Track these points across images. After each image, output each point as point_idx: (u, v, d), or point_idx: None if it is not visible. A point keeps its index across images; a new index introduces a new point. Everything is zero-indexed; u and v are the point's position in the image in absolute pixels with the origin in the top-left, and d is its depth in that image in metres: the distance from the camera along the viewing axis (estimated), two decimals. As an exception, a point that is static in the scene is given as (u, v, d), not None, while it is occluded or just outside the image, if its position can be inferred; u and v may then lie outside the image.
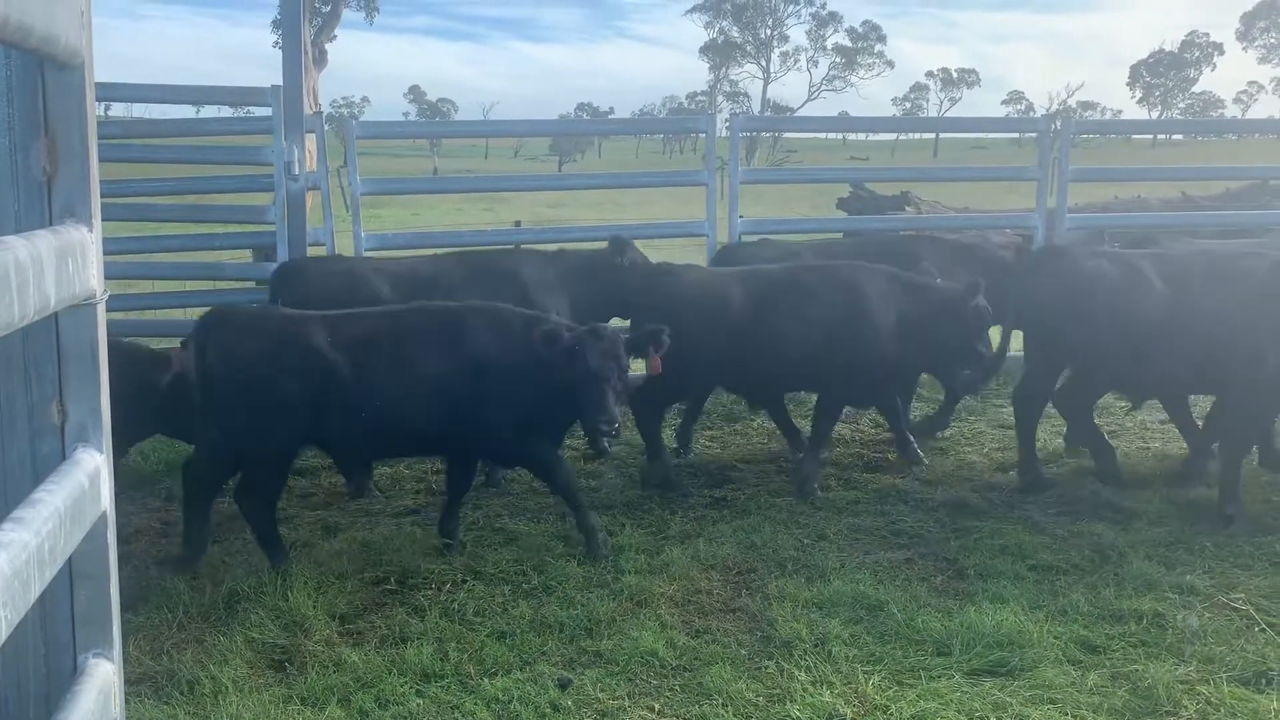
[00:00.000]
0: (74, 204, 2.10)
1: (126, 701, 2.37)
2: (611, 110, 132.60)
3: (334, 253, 9.58)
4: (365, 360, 5.51)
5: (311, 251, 9.15)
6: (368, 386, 5.48)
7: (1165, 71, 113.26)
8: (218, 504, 6.11)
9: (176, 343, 7.00)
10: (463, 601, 5.20)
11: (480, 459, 6.36)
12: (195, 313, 8.06)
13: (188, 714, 4.16)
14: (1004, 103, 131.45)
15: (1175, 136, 76.29)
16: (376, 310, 6.13)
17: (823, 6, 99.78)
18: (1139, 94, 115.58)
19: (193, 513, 5.69)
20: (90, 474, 2.07)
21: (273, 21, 54.27)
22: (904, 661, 4.59)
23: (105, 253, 2.21)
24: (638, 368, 6.12)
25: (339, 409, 5.49)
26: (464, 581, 5.45)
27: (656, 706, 4.26)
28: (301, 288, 7.29)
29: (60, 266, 1.84)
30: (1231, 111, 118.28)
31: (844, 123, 22.69)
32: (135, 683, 4.34)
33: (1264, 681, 4.39)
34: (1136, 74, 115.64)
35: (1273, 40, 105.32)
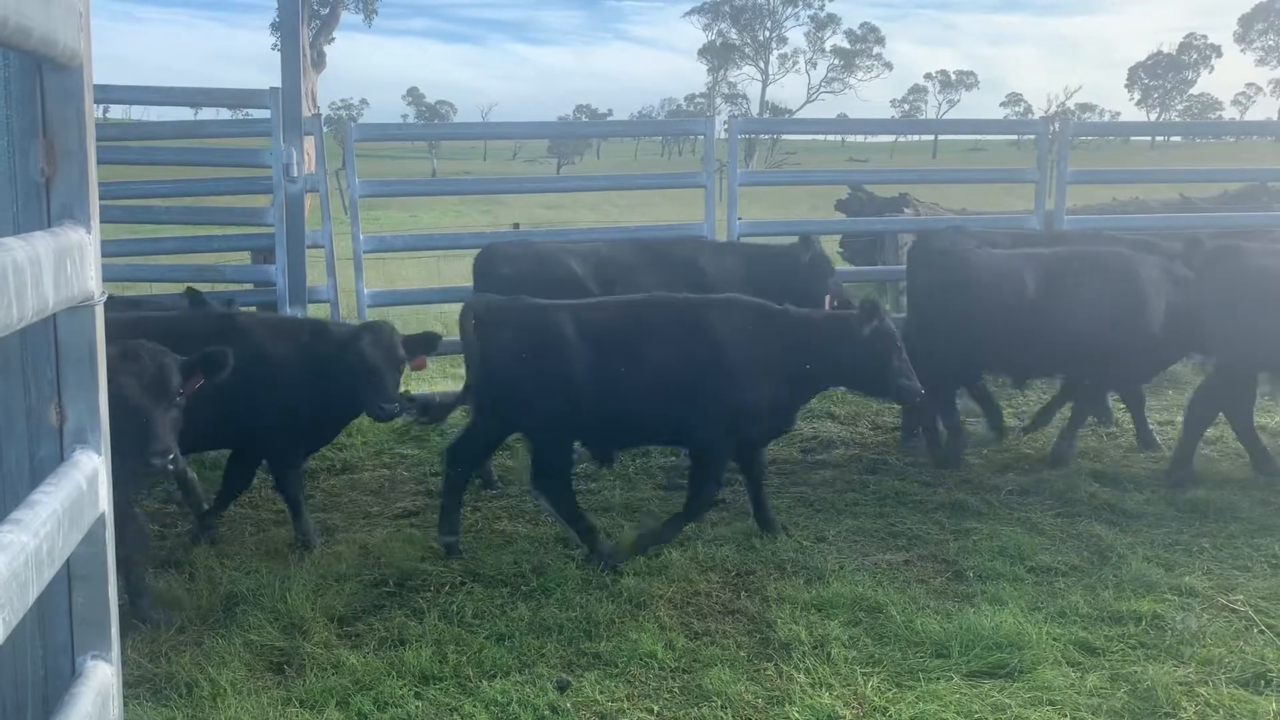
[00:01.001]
0: (72, 205, 2.10)
1: (125, 704, 2.36)
2: (610, 112, 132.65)
3: (331, 254, 9.58)
4: (617, 349, 5.83)
5: (309, 255, 9.14)
6: (619, 376, 5.78)
7: (1163, 73, 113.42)
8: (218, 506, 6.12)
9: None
10: (461, 604, 5.19)
11: (685, 447, 6.48)
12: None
13: (186, 716, 4.15)
14: (1002, 105, 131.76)
15: (1173, 138, 76.30)
16: (623, 300, 6.42)
17: (821, 9, 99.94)
18: (1137, 96, 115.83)
19: (452, 495, 5.98)
20: (88, 476, 2.07)
21: (271, 24, 54.19)
22: (903, 663, 4.59)
23: (103, 254, 2.21)
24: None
25: (595, 397, 5.78)
26: (463, 584, 5.44)
27: (655, 708, 4.26)
28: (505, 267, 7.81)
29: (58, 268, 1.84)
30: (1229, 113, 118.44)
31: (842, 125, 22.85)
32: (133, 685, 4.33)
33: (1263, 683, 4.39)
34: (1135, 76, 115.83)
35: (1270, 42, 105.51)
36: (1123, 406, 8.33)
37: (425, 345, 6.12)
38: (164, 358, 4.75)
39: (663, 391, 5.80)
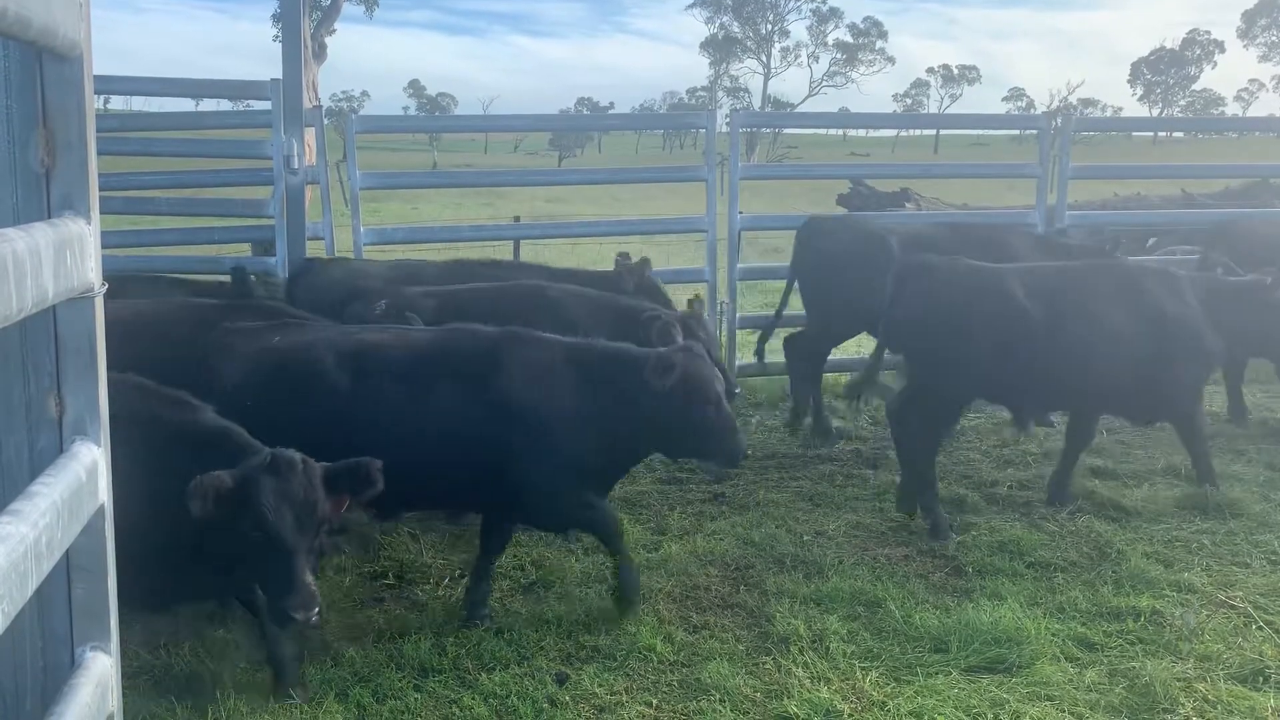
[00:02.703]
0: (72, 196, 2.09)
1: (124, 695, 2.36)
2: (611, 105, 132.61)
3: (332, 246, 9.57)
4: (1056, 314, 5.99)
5: (310, 247, 9.12)
6: (1057, 341, 5.95)
7: (1166, 69, 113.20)
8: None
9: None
10: (461, 597, 5.19)
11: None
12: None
13: (186, 708, 4.16)
14: (1005, 99, 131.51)
15: (1176, 134, 76.27)
16: (1051, 266, 6.60)
17: (823, 2, 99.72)
18: (1140, 91, 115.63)
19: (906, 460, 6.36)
20: (88, 467, 2.07)
21: (272, 15, 54.10)
22: (902, 658, 4.59)
23: (103, 246, 2.20)
24: None
25: (1026, 360, 6.00)
26: (462, 576, 5.44)
27: (654, 702, 4.27)
28: (824, 240, 8.27)
29: (58, 259, 1.83)
30: (1232, 109, 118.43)
31: (844, 119, 22.71)
32: (133, 676, 4.33)
33: (1261, 679, 4.40)
34: (1137, 71, 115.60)
35: (1274, 38, 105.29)
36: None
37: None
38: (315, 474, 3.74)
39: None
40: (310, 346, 4.86)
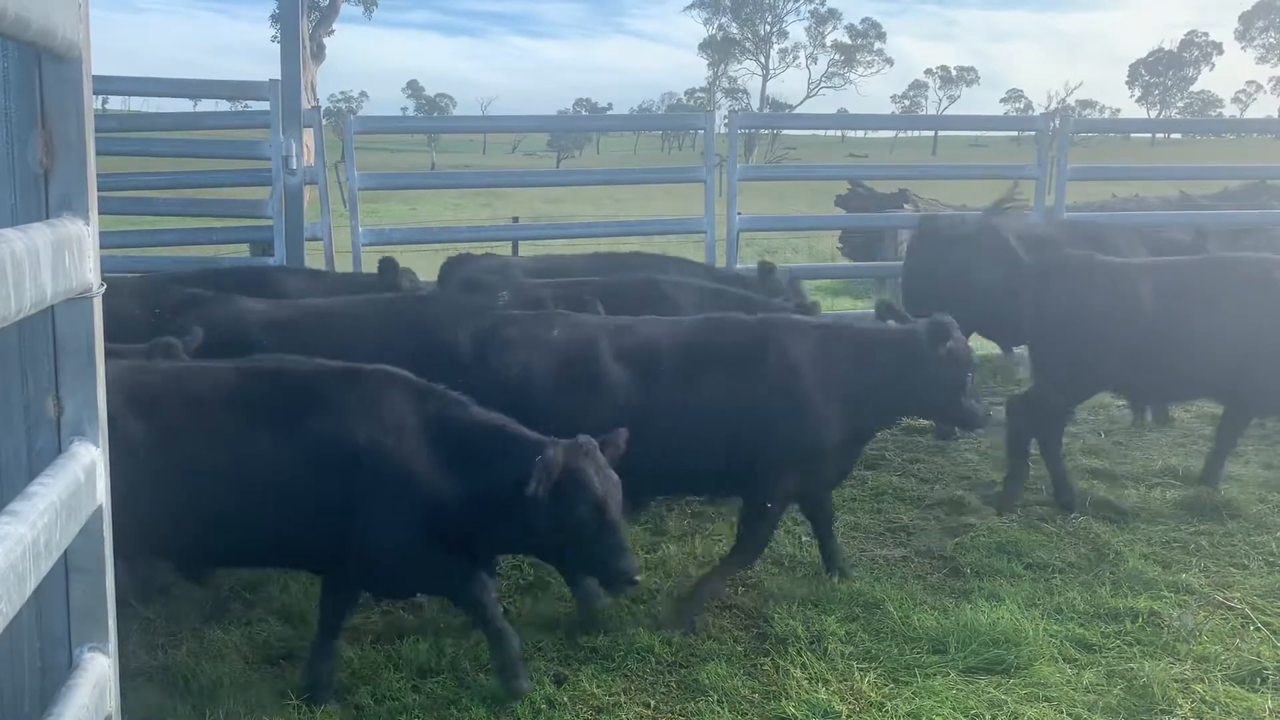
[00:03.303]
0: (71, 197, 2.09)
1: (122, 695, 2.36)
2: (610, 106, 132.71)
3: (330, 247, 9.57)
4: (1193, 307, 6.16)
5: (308, 248, 9.13)
6: (1193, 334, 6.18)
7: (1164, 70, 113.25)
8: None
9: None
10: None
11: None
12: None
13: (184, 709, 4.15)
14: (1003, 101, 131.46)
15: (1174, 135, 76.23)
16: (1175, 261, 6.70)
17: (822, 3, 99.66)
18: (1138, 93, 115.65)
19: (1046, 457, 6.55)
20: (86, 467, 2.07)
21: (271, 15, 54.15)
22: (900, 659, 4.59)
23: (102, 246, 2.20)
24: None
25: (1152, 357, 6.18)
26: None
27: (652, 703, 4.26)
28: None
29: (57, 260, 1.83)
30: (1230, 111, 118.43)
31: (843, 120, 22.64)
32: (131, 677, 4.32)
33: (1259, 680, 4.40)
34: (1135, 73, 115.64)
35: (1271, 40, 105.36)
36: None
37: None
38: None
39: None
40: (588, 338, 5.09)
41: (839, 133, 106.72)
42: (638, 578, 4.14)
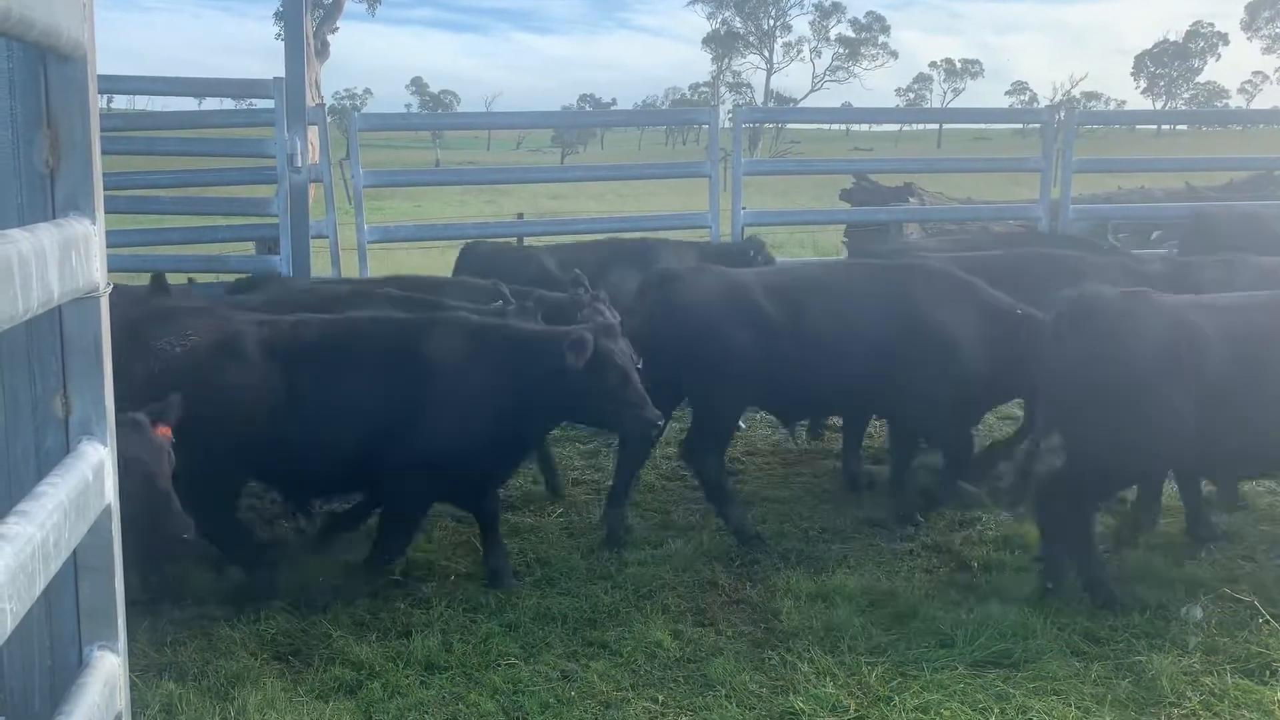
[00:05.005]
0: (77, 196, 2.09)
1: (132, 694, 2.37)
2: (614, 102, 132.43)
3: (336, 244, 9.58)
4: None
5: (314, 245, 9.13)
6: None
7: (1170, 62, 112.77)
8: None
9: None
10: (467, 593, 5.20)
11: None
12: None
13: (194, 706, 4.16)
14: (1008, 93, 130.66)
15: (1179, 127, 75.84)
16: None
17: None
18: (1143, 84, 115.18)
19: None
20: (94, 467, 2.08)
21: (275, 13, 54.15)
22: (908, 653, 4.59)
23: (108, 245, 2.21)
24: None
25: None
26: (468, 573, 5.45)
27: (660, 698, 4.27)
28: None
29: (63, 259, 1.83)
30: (1236, 102, 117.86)
31: (847, 114, 22.56)
32: (141, 675, 4.34)
33: (1267, 673, 4.39)
34: (1141, 64, 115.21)
35: (1277, 30, 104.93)
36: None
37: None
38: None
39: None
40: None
41: (843, 126, 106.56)
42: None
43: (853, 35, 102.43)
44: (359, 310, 5.90)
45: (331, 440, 5.06)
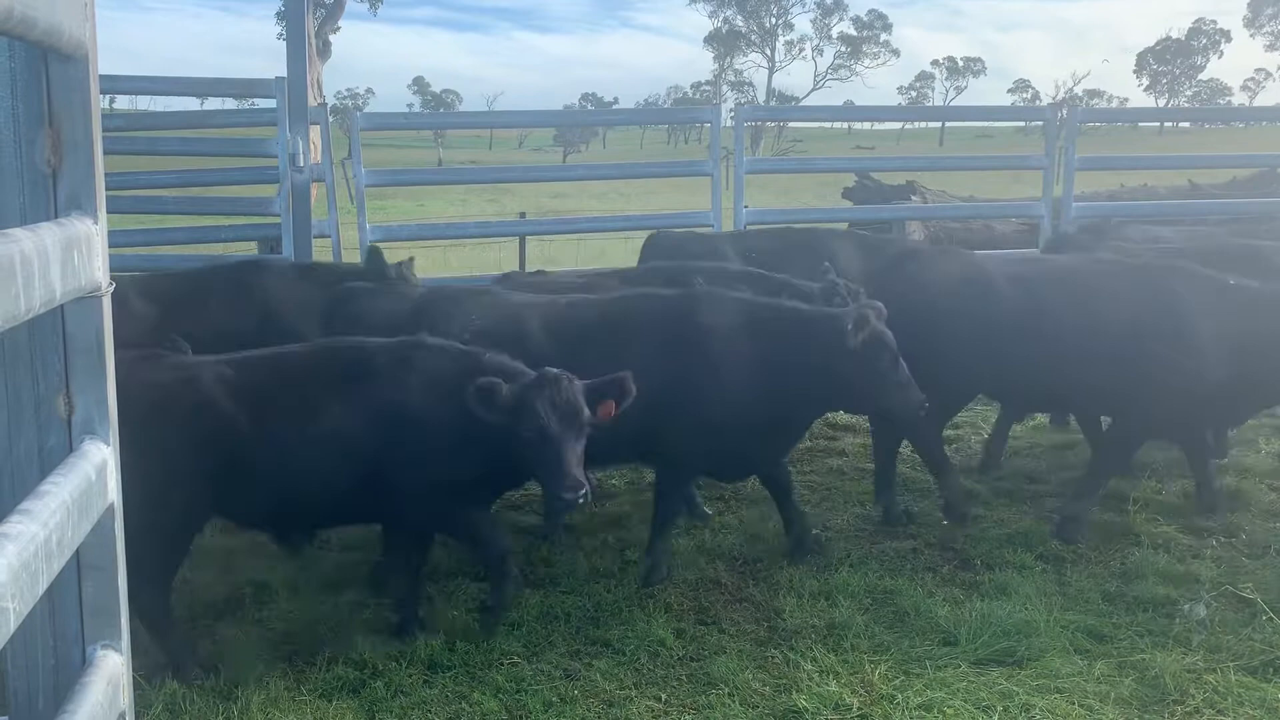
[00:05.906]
0: (79, 196, 2.10)
1: (135, 693, 2.37)
2: (616, 101, 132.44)
3: (338, 244, 9.58)
4: None
5: (316, 245, 9.13)
6: None
7: (1172, 59, 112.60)
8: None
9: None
10: (470, 593, 5.20)
11: None
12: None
13: (199, 706, 4.17)
14: (1010, 91, 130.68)
15: (1182, 124, 75.83)
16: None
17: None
18: (1146, 82, 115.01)
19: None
20: (97, 466, 2.08)
21: (277, 13, 54.07)
22: (911, 651, 4.59)
23: (110, 245, 2.21)
24: None
25: None
26: (471, 573, 5.45)
27: (663, 696, 4.27)
28: None
29: (65, 259, 1.84)
30: (1239, 99, 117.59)
31: (849, 112, 22.56)
32: (144, 674, 4.34)
33: (1271, 670, 4.38)
34: (1143, 62, 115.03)
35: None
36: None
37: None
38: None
39: None
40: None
41: (845, 125, 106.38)
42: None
43: (855, 33, 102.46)
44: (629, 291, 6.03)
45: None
